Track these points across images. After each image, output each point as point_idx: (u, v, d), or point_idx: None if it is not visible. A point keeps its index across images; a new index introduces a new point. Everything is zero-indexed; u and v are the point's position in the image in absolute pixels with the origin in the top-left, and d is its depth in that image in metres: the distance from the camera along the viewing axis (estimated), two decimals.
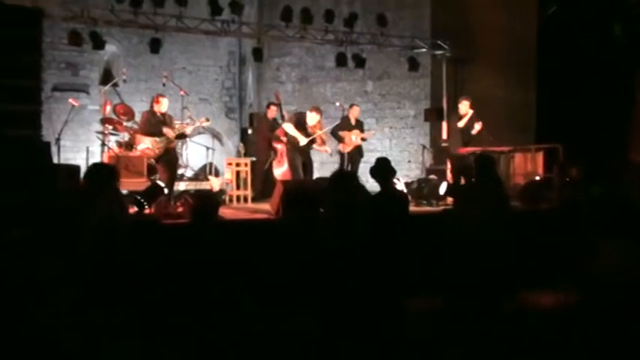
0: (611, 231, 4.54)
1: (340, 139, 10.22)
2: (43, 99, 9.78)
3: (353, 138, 10.18)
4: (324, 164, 10.96)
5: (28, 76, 9.11)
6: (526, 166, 10.03)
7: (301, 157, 9.45)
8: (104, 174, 5.10)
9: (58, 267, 4.34)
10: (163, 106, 8.81)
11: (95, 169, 5.24)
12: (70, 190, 6.09)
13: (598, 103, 10.55)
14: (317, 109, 9.59)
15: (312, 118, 9.41)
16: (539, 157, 9.93)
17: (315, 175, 10.02)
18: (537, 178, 9.60)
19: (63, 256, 4.31)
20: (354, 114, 10.45)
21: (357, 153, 10.33)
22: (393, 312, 4.79)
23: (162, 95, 8.98)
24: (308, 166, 9.58)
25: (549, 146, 9.85)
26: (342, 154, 10.30)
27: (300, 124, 9.44)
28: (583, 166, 8.10)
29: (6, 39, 8.73)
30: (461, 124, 9.82)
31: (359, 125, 10.44)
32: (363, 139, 10.44)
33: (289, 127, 9.39)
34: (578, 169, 8.16)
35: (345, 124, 10.28)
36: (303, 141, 9.25)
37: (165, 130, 8.60)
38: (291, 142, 9.47)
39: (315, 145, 9.45)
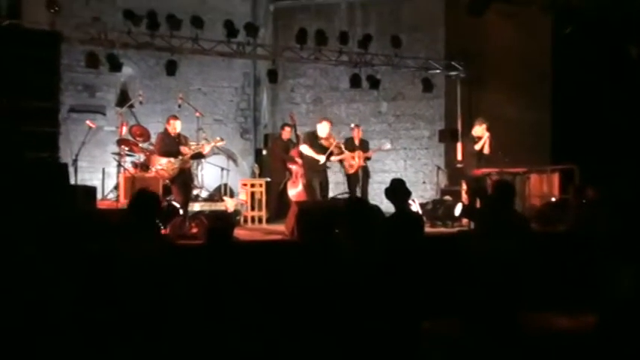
0: (628, 254, 4.49)
1: (343, 160, 10.19)
2: (60, 120, 9.85)
3: (356, 159, 10.13)
4: (338, 184, 10.95)
5: (46, 98, 9.18)
6: (542, 187, 9.97)
7: (318, 177, 9.51)
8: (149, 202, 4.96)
9: (72, 288, 4.35)
10: (176, 127, 8.89)
11: (139, 197, 5.08)
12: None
13: (613, 123, 10.50)
14: (326, 119, 9.74)
15: (323, 129, 9.54)
16: (555, 178, 9.87)
17: (330, 194, 10.07)
18: (553, 199, 9.54)
19: (76, 278, 4.32)
20: (357, 135, 10.41)
21: (364, 173, 10.30)
22: (410, 335, 4.75)
23: (174, 117, 9.07)
24: (324, 185, 9.66)
25: (565, 167, 9.79)
26: (347, 176, 10.29)
27: (314, 140, 9.53)
28: (599, 188, 8.04)
29: (24, 61, 8.83)
30: (477, 147, 9.73)
31: (363, 146, 10.39)
32: (367, 159, 10.37)
33: (305, 149, 9.47)
34: (595, 190, 8.10)
35: (348, 146, 10.22)
36: (322, 159, 9.33)
37: (182, 148, 8.68)
38: (308, 163, 9.53)
39: (333, 158, 9.53)
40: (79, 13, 11.67)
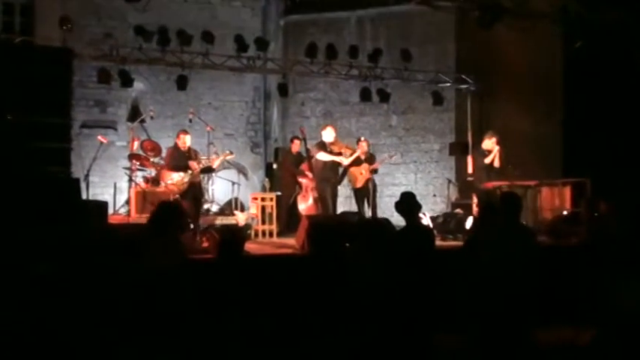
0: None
1: (348, 173, 10.24)
2: (72, 136, 9.93)
3: (363, 172, 10.13)
4: (347, 198, 10.94)
5: (59, 114, 9.26)
6: (553, 200, 9.93)
7: (331, 189, 9.60)
8: (171, 213, 4.97)
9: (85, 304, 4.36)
10: (186, 141, 8.95)
11: (162, 209, 5.11)
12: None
13: (625, 136, 10.46)
14: (328, 125, 9.94)
15: (328, 136, 9.69)
16: (567, 191, 9.82)
17: (340, 209, 10.09)
18: (565, 212, 9.49)
19: (92, 293, 4.34)
20: (362, 149, 10.34)
21: (371, 186, 10.25)
22: (421, 348, 4.73)
23: (184, 131, 9.15)
24: (333, 199, 9.72)
25: (577, 180, 9.75)
26: (355, 190, 10.29)
27: (324, 148, 9.66)
28: (611, 201, 7.99)
29: (37, 78, 8.92)
30: (487, 160, 9.72)
31: (369, 159, 10.37)
32: (375, 171, 10.34)
33: (323, 155, 9.57)
34: (607, 203, 8.05)
35: (354, 160, 10.14)
36: (344, 160, 9.77)
37: (191, 163, 8.72)
38: (321, 174, 9.59)
39: (345, 161, 9.74)
40: (91, 30, 11.81)
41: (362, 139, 10.62)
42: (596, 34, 10.28)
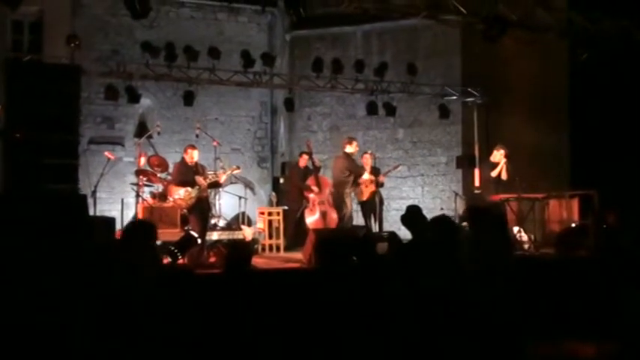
0: None
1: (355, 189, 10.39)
2: (79, 152, 9.99)
3: (367, 185, 10.26)
4: (355, 212, 10.93)
5: (67, 130, 9.33)
6: (561, 213, 9.90)
7: (349, 198, 10.07)
8: (141, 232, 5.06)
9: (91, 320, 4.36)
10: (194, 156, 8.97)
11: (133, 226, 5.22)
12: (106, 243, 6.13)
13: (632, 148, 10.43)
14: (351, 138, 10.46)
15: (351, 149, 10.22)
16: (574, 203, 9.79)
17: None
18: (573, 225, 9.46)
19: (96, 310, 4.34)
20: (367, 162, 10.52)
21: (378, 200, 10.35)
22: None
23: (192, 146, 9.17)
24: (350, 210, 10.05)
25: (584, 192, 9.72)
26: (361, 204, 10.45)
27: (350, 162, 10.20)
28: (619, 213, 7.97)
29: (46, 95, 9.00)
30: (494, 173, 9.76)
31: (374, 172, 10.46)
32: (380, 185, 10.47)
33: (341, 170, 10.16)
34: (615, 215, 8.03)
35: (360, 173, 10.35)
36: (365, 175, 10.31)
37: (197, 178, 8.74)
38: (339, 185, 10.03)
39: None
40: (99, 47, 11.91)
41: (367, 152, 10.72)
42: (602, 46, 10.27)
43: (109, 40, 12.28)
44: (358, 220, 10.63)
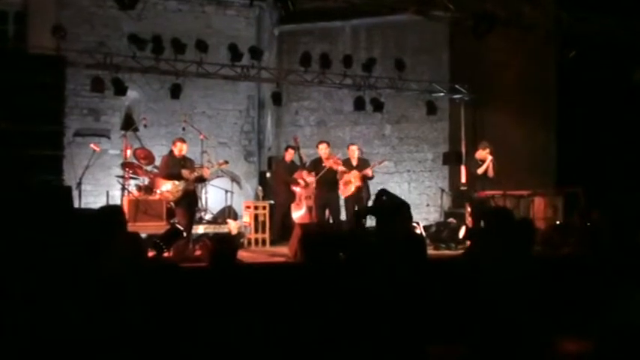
0: (631, 277, 4.46)
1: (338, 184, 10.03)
2: (65, 144, 9.92)
3: (352, 179, 9.86)
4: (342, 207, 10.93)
5: (52, 122, 9.27)
6: (546, 210, 9.94)
7: (330, 199, 9.98)
8: (113, 217, 5.05)
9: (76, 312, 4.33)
10: (182, 149, 8.96)
11: (103, 212, 5.20)
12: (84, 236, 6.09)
13: (618, 145, 10.49)
14: (322, 142, 10.28)
15: (322, 151, 10.10)
16: (560, 201, 9.84)
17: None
18: (557, 222, 9.51)
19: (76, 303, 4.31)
20: (352, 154, 10.20)
21: (365, 195, 9.98)
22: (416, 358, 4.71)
23: (181, 140, 9.15)
24: (335, 209, 10.11)
25: (569, 190, 9.77)
26: (345, 200, 10.08)
27: (316, 166, 9.87)
28: (604, 211, 8.01)
29: (30, 86, 8.92)
30: (480, 170, 9.78)
31: (361, 165, 10.11)
32: (366, 177, 10.02)
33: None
34: (600, 213, 8.07)
35: (345, 167, 10.00)
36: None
37: (183, 171, 8.71)
38: (321, 184, 9.98)
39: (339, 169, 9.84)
40: (85, 38, 11.78)
41: (352, 145, 10.49)
42: (589, 44, 10.32)
43: (96, 31, 12.16)
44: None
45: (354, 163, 10.14)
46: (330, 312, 4.68)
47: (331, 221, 10.01)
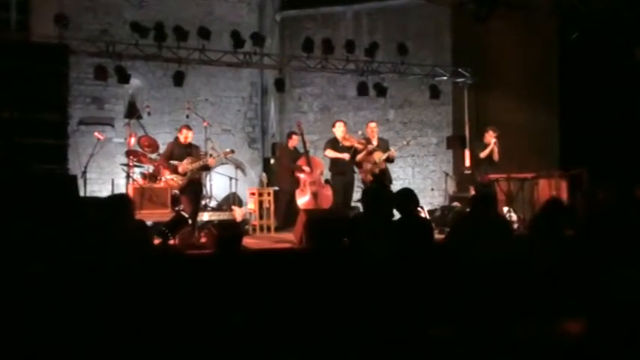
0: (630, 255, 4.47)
1: (359, 166, 9.61)
2: (69, 133, 9.94)
3: (377, 160, 9.45)
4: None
5: (55, 110, 9.28)
6: (550, 192, 9.92)
7: (344, 183, 9.74)
8: (122, 205, 5.08)
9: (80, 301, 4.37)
10: (188, 136, 9.02)
11: (110, 200, 5.25)
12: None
13: (622, 127, 10.47)
14: (338, 120, 10.04)
15: (338, 130, 9.77)
16: (564, 182, 9.83)
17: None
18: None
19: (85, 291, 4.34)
20: (373, 133, 9.69)
21: (385, 178, 9.53)
22: (418, 341, 4.75)
23: (187, 127, 9.22)
24: (349, 189, 9.90)
25: (574, 172, 9.76)
26: (365, 184, 9.52)
27: (335, 144, 9.71)
28: (609, 192, 8.00)
29: (34, 75, 8.93)
30: (483, 154, 9.82)
31: (383, 145, 9.67)
32: (389, 160, 9.63)
33: (330, 153, 9.75)
34: (604, 194, 8.06)
35: (367, 150, 9.55)
36: (346, 156, 9.58)
37: (178, 163, 8.82)
38: (332, 170, 9.85)
39: (360, 156, 9.50)
40: (87, 27, 11.78)
41: (371, 122, 9.95)
42: (592, 25, 10.28)
43: (98, 19, 12.14)
44: None
45: (375, 143, 9.69)
46: (333, 297, 4.72)
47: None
